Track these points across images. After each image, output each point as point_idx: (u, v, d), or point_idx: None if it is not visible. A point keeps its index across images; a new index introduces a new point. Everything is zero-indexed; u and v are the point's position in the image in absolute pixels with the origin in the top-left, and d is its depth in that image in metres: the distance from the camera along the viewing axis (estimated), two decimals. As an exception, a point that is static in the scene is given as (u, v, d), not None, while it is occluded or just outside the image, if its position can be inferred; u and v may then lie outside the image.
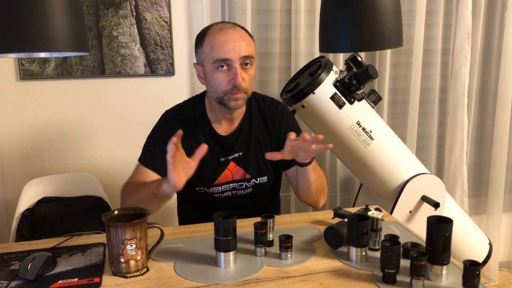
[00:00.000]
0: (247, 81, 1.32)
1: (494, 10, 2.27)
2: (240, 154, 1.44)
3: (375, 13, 1.12)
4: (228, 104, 1.33)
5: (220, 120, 1.43)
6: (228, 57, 1.28)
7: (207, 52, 1.32)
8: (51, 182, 1.78)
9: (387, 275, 0.98)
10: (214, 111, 1.42)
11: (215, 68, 1.31)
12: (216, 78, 1.32)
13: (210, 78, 1.34)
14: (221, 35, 1.30)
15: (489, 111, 2.39)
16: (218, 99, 1.35)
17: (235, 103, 1.33)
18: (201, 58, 1.36)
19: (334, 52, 1.86)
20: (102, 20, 1.89)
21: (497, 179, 2.37)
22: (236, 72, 1.29)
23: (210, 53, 1.31)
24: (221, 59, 1.29)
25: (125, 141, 2.04)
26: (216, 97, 1.35)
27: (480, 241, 1.96)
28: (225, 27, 1.33)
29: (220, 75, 1.31)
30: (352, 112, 1.64)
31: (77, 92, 1.94)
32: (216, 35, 1.31)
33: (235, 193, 1.45)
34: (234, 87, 1.30)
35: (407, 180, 1.71)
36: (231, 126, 1.44)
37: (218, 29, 1.33)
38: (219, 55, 1.29)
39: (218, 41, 1.29)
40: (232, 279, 1.01)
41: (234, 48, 1.28)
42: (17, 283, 1.00)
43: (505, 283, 2.47)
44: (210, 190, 1.43)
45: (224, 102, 1.33)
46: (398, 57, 2.19)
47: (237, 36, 1.31)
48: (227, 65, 1.30)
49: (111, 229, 1.01)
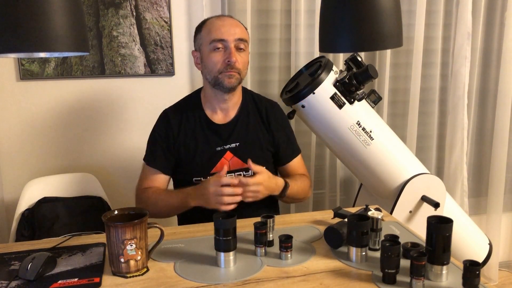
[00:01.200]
0: (240, 62, 1.42)
1: (494, 10, 2.27)
2: (237, 145, 1.49)
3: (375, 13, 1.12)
4: (223, 82, 1.41)
5: (215, 109, 1.50)
6: (224, 37, 1.39)
7: (205, 36, 1.44)
8: (51, 182, 1.78)
9: (387, 275, 0.98)
10: (209, 100, 1.50)
11: (212, 49, 1.41)
12: (212, 58, 1.42)
13: (206, 60, 1.43)
14: (219, 20, 1.45)
15: (489, 111, 2.39)
16: (213, 80, 1.43)
17: (229, 80, 1.41)
18: (199, 43, 1.47)
19: (334, 52, 1.86)
20: (102, 20, 1.89)
21: (497, 179, 2.37)
22: (231, 52, 1.40)
23: (207, 36, 1.42)
24: (218, 39, 1.39)
25: (125, 141, 2.04)
26: (211, 78, 1.44)
27: (480, 241, 1.96)
28: (223, 16, 1.49)
29: (216, 55, 1.41)
30: (352, 112, 1.64)
31: (77, 92, 1.94)
32: (214, 20, 1.45)
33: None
34: (228, 65, 1.40)
35: (407, 180, 1.71)
36: (226, 116, 1.51)
37: (217, 17, 1.48)
38: (216, 36, 1.40)
39: (215, 25, 1.43)
40: (232, 279, 1.01)
41: (229, 30, 1.40)
42: (17, 283, 1.00)
43: (505, 283, 2.47)
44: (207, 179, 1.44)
45: (219, 81, 1.42)
46: (398, 57, 2.19)
47: (233, 22, 1.44)
48: (223, 46, 1.41)
49: (111, 229, 1.01)
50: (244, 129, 1.50)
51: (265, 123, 1.55)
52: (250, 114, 1.53)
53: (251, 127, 1.52)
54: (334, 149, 1.84)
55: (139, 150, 2.05)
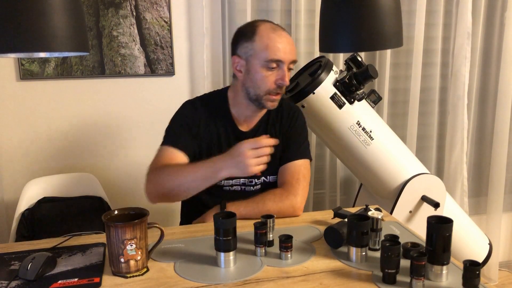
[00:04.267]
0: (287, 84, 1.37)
1: (494, 10, 2.27)
2: None
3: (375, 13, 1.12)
4: (265, 103, 1.37)
5: (242, 117, 1.44)
6: (281, 58, 1.32)
7: (260, 49, 1.33)
8: (51, 182, 1.78)
9: (387, 275, 0.98)
10: (238, 106, 1.43)
11: (265, 66, 1.33)
12: (262, 76, 1.34)
13: (255, 75, 1.35)
14: (277, 35, 1.33)
15: (489, 111, 2.39)
16: (255, 96, 1.37)
17: (272, 104, 1.37)
18: (247, 52, 1.35)
19: (334, 52, 1.86)
20: (102, 20, 1.89)
21: (497, 179, 2.37)
22: (285, 74, 1.33)
23: (263, 52, 1.32)
24: (275, 59, 1.32)
25: (125, 141, 2.04)
26: (254, 94, 1.37)
27: (480, 241, 1.96)
28: (278, 29, 1.36)
29: (269, 74, 1.33)
30: (352, 112, 1.64)
31: (77, 92, 1.94)
32: (271, 34, 1.33)
33: (244, 188, 1.46)
34: (278, 87, 1.34)
35: (407, 180, 1.71)
36: (250, 124, 1.46)
37: (272, 28, 1.35)
38: (274, 56, 1.31)
39: (274, 41, 1.32)
40: (232, 279, 1.01)
41: (287, 50, 1.32)
42: (17, 283, 1.00)
43: (505, 283, 2.47)
44: (221, 182, 1.43)
45: (261, 100, 1.36)
46: (398, 57, 2.19)
47: (290, 40, 1.35)
48: (277, 66, 1.33)
49: (111, 229, 1.01)
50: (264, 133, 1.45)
51: (282, 130, 1.48)
52: (271, 122, 1.48)
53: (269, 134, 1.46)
54: (334, 149, 1.84)
55: (139, 150, 2.06)
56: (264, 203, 1.35)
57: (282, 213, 1.35)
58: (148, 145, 2.06)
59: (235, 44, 1.41)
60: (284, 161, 1.45)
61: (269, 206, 1.34)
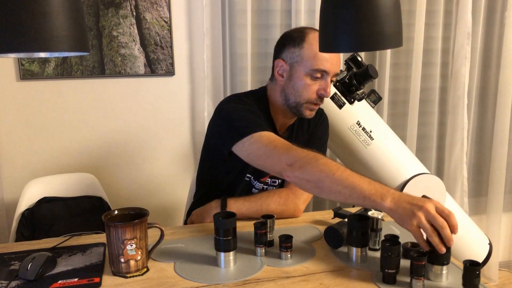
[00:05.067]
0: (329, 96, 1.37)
1: (494, 10, 2.27)
2: None
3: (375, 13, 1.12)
4: (303, 112, 1.36)
5: (278, 121, 1.43)
6: (328, 69, 1.31)
7: (308, 57, 1.31)
8: (51, 182, 1.78)
9: (387, 275, 0.98)
10: (275, 111, 1.42)
11: (309, 75, 1.32)
12: (305, 84, 1.33)
13: (297, 82, 1.33)
14: None
15: (489, 111, 2.39)
16: (294, 103, 1.35)
17: (310, 113, 1.37)
18: (294, 58, 1.34)
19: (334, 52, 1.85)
20: (102, 20, 1.89)
21: (497, 179, 2.37)
22: (328, 85, 1.33)
23: (311, 60, 1.31)
24: (321, 69, 1.31)
25: (125, 141, 2.04)
26: (293, 101, 1.35)
27: (480, 241, 1.96)
28: None
29: (312, 83, 1.33)
30: (352, 112, 1.64)
31: (77, 92, 1.94)
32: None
33: (266, 188, 1.46)
34: (319, 98, 1.34)
35: (407, 180, 1.71)
36: (283, 127, 1.46)
37: None
38: (321, 65, 1.30)
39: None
40: (232, 279, 1.01)
41: (332, 62, 1.32)
42: (17, 283, 1.00)
43: (505, 283, 2.47)
44: (254, 182, 1.43)
45: (300, 108, 1.35)
46: (398, 57, 2.19)
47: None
48: (321, 76, 1.33)
49: (111, 229, 1.01)
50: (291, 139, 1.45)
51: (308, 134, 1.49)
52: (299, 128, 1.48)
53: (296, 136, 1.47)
54: (334, 149, 1.84)
55: (139, 150, 2.06)
56: (268, 205, 1.34)
57: (283, 215, 1.35)
58: (148, 145, 2.06)
59: (281, 48, 1.38)
60: None
61: (272, 208, 1.33)
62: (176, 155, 2.09)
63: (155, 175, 2.08)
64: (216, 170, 1.44)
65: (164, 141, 2.06)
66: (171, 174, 2.10)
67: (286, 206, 1.35)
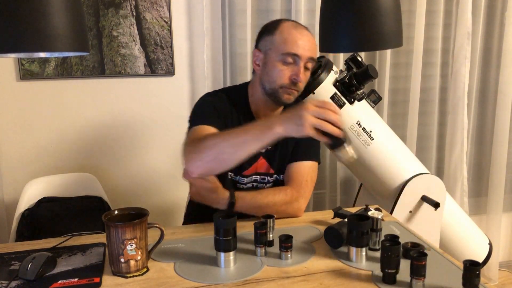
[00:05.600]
0: (303, 81, 1.35)
1: (494, 10, 2.27)
2: (269, 148, 1.43)
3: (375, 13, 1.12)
4: (281, 97, 1.35)
5: (260, 113, 1.43)
6: (298, 53, 1.31)
7: (279, 43, 1.33)
8: (51, 182, 1.78)
9: (387, 275, 0.98)
10: (256, 104, 1.43)
11: (281, 60, 1.33)
12: (278, 70, 1.33)
13: (271, 68, 1.35)
14: (297, 32, 1.33)
15: (489, 111, 2.39)
16: (271, 90, 1.36)
17: (288, 97, 1.35)
18: (267, 46, 1.37)
19: (334, 52, 1.86)
20: (102, 20, 1.89)
21: (497, 179, 2.37)
22: (300, 70, 1.32)
23: (281, 45, 1.32)
24: (292, 53, 1.31)
25: (125, 141, 2.04)
26: (269, 88, 1.36)
27: (480, 241, 1.96)
28: (300, 27, 1.36)
29: (284, 68, 1.33)
30: (352, 112, 1.64)
31: (77, 92, 1.94)
32: (292, 30, 1.34)
33: (256, 185, 1.45)
34: (292, 83, 1.33)
35: (407, 180, 1.71)
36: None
37: (294, 25, 1.36)
38: (291, 49, 1.31)
39: (293, 36, 1.32)
40: (232, 279, 1.01)
41: (305, 46, 1.32)
42: (17, 283, 1.00)
43: (505, 283, 2.47)
44: (237, 178, 1.43)
45: (277, 94, 1.35)
46: (398, 57, 2.19)
47: (310, 38, 1.35)
48: (293, 61, 1.33)
49: (111, 229, 1.01)
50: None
51: None
52: None
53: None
54: (334, 149, 1.84)
55: (139, 150, 2.06)
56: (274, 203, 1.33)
57: (286, 212, 1.36)
58: (148, 145, 2.06)
59: (257, 39, 1.42)
60: (294, 159, 1.44)
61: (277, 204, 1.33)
62: (176, 155, 2.09)
63: (155, 175, 2.08)
64: None
65: (164, 141, 2.06)
66: (171, 174, 2.10)
67: (290, 204, 1.35)
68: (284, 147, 1.44)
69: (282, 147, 1.44)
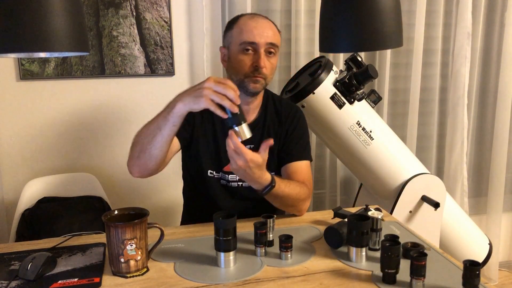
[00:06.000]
0: (268, 68, 1.37)
1: (494, 10, 2.27)
2: (251, 147, 1.43)
3: (375, 13, 1.12)
4: (248, 86, 1.37)
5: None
6: (255, 40, 1.33)
7: (236, 35, 1.37)
8: (51, 182, 1.78)
9: (387, 275, 0.98)
10: None
11: (241, 50, 1.35)
12: (240, 60, 1.36)
13: (234, 60, 1.38)
14: (252, 21, 1.37)
15: (489, 111, 2.39)
16: (238, 82, 1.37)
17: (254, 85, 1.36)
18: (228, 41, 1.40)
19: (334, 52, 1.86)
20: (102, 20, 1.89)
21: (497, 179, 2.37)
22: (260, 57, 1.34)
23: (238, 36, 1.36)
24: (248, 41, 1.34)
25: (125, 141, 2.03)
26: (236, 80, 1.38)
27: (480, 241, 1.96)
28: (257, 16, 1.40)
29: (245, 58, 1.36)
30: (352, 112, 1.64)
31: (77, 92, 1.94)
32: (247, 20, 1.37)
33: (241, 184, 1.45)
34: (255, 70, 1.35)
35: (407, 180, 1.71)
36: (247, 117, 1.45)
37: (250, 16, 1.40)
38: (247, 38, 1.34)
39: (248, 25, 1.35)
40: (232, 279, 1.01)
41: (262, 33, 1.34)
42: (17, 283, 1.00)
43: (505, 283, 2.47)
44: (219, 175, 1.44)
45: (244, 84, 1.37)
46: (398, 57, 2.19)
47: (266, 24, 1.37)
48: (253, 49, 1.35)
49: (111, 229, 1.01)
50: (260, 133, 1.46)
51: (282, 128, 1.47)
52: (269, 119, 1.48)
53: (268, 132, 1.47)
54: (334, 149, 1.84)
55: (139, 150, 2.05)
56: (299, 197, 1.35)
57: (297, 210, 1.38)
58: (148, 145, 2.06)
59: (222, 37, 1.47)
60: (290, 159, 1.45)
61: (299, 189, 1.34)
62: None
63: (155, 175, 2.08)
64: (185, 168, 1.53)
65: (164, 141, 2.06)
66: (171, 174, 2.09)
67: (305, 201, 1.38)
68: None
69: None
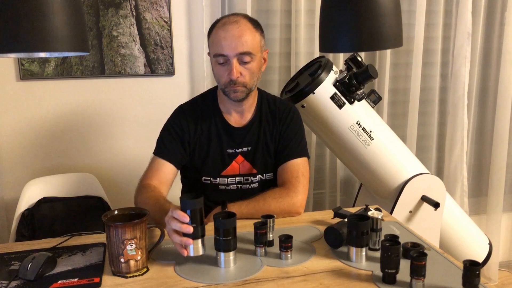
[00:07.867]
0: (246, 75, 1.35)
1: (494, 10, 2.27)
2: (249, 149, 1.46)
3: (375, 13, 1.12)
4: (229, 95, 1.38)
5: (230, 111, 1.46)
6: (224, 53, 1.33)
7: (211, 45, 1.38)
8: (51, 182, 1.78)
9: (387, 275, 0.98)
10: (223, 102, 1.46)
11: (215, 62, 1.37)
12: (216, 71, 1.38)
13: (213, 70, 1.40)
14: (222, 30, 1.33)
15: (489, 111, 2.39)
16: (222, 90, 1.40)
17: (235, 94, 1.37)
18: (209, 49, 1.41)
19: (334, 52, 1.86)
20: (102, 20, 1.89)
21: (497, 179, 2.37)
22: (232, 68, 1.33)
23: (211, 47, 1.37)
24: (219, 54, 1.34)
25: (125, 141, 2.04)
26: (220, 88, 1.41)
27: (480, 241, 1.96)
28: (228, 22, 1.35)
29: (220, 69, 1.36)
30: (352, 112, 1.64)
31: (77, 92, 1.94)
32: (218, 30, 1.35)
33: (240, 187, 1.46)
34: (231, 81, 1.35)
35: (407, 180, 1.71)
36: (241, 119, 1.47)
37: (222, 24, 1.36)
38: (217, 50, 1.34)
39: (218, 36, 1.34)
40: (232, 279, 1.01)
41: (230, 44, 1.31)
42: (17, 283, 1.00)
43: (505, 283, 2.47)
44: (216, 180, 1.45)
45: (226, 93, 1.39)
46: (398, 57, 2.19)
47: (236, 32, 1.32)
48: (225, 60, 1.34)
49: (111, 229, 1.01)
50: (256, 134, 1.46)
51: (277, 128, 1.47)
52: (264, 119, 1.48)
53: (264, 132, 1.47)
54: (334, 149, 1.84)
55: (139, 150, 2.06)
56: (265, 201, 1.34)
57: (283, 212, 1.35)
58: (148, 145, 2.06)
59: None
60: (282, 160, 1.45)
61: (271, 205, 1.34)
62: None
63: (155, 175, 2.08)
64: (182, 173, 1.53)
65: (164, 141, 2.06)
66: (171, 174, 2.10)
67: (284, 201, 1.35)
68: (264, 146, 1.47)
69: (262, 146, 1.47)
